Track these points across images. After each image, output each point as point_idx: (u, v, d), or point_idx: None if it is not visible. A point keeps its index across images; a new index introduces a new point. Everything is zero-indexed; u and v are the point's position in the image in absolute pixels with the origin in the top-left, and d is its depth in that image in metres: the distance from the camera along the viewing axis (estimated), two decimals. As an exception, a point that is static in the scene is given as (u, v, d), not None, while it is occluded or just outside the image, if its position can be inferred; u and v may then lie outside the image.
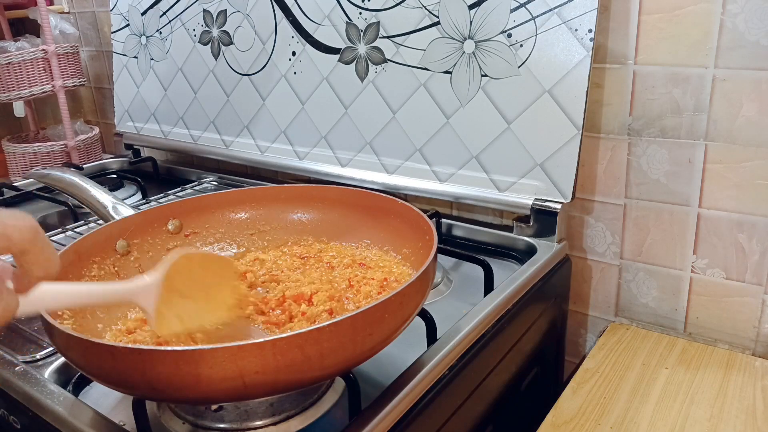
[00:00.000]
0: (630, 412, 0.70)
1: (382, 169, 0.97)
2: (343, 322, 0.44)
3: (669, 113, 0.78)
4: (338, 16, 0.97)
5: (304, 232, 0.74)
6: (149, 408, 0.54)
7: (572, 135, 0.79)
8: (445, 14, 0.86)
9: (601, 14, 0.79)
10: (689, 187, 0.79)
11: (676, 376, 0.75)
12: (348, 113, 1.00)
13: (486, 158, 0.87)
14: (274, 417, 0.53)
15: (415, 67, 0.91)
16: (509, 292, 0.71)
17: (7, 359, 0.62)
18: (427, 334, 0.62)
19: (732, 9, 0.71)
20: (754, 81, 0.72)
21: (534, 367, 0.80)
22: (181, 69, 1.23)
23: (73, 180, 0.87)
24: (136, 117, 1.35)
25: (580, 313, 0.94)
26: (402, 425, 0.53)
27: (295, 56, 1.04)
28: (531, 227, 0.85)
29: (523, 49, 0.81)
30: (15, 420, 0.59)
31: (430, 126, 0.91)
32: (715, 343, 0.83)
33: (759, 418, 0.67)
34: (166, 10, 1.22)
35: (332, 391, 0.57)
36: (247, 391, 0.44)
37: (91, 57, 1.60)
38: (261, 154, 1.13)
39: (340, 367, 0.47)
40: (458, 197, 0.90)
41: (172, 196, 1.13)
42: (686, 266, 0.82)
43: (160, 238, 0.71)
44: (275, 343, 0.42)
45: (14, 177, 1.44)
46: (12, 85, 1.36)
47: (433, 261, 0.53)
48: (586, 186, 0.87)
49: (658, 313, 0.87)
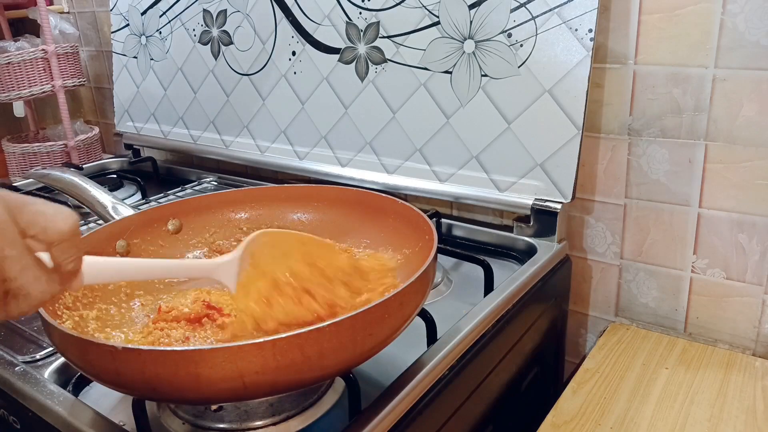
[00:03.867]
0: (630, 412, 0.70)
1: (382, 169, 0.97)
2: (343, 322, 0.44)
3: (669, 113, 0.78)
4: (338, 16, 0.97)
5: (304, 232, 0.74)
6: (149, 408, 0.54)
7: (572, 135, 0.79)
8: (445, 14, 0.86)
9: (602, 14, 0.79)
10: (689, 187, 0.79)
11: (677, 376, 0.75)
12: (348, 113, 1.00)
13: (486, 158, 0.86)
14: (274, 417, 0.53)
15: (415, 67, 0.91)
16: (509, 292, 0.71)
17: (7, 359, 0.62)
18: (427, 334, 0.62)
19: (732, 9, 0.71)
20: (754, 81, 0.72)
21: (534, 367, 0.80)
22: (180, 69, 1.23)
23: (73, 180, 0.87)
24: (135, 117, 1.35)
25: (580, 313, 0.94)
26: (402, 425, 0.53)
27: (295, 56, 1.04)
28: (531, 227, 0.85)
29: (523, 49, 0.81)
30: (15, 420, 0.59)
31: (430, 126, 0.91)
32: (715, 343, 0.83)
33: (759, 419, 0.67)
34: (166, 10, 1.22)
35: (332, 391, 0.57)
36: (247, 392, 0.44)
37: (90, 57, 1.60)
38: (261, 154, 1.13)
39: (340, 367, 0.47)
40: (458, 197, 0.90)
41: (172, 196, 1.13)
42: (686, 266, 0.82)
43: (161, 238, 0.71)
44: (275, 344, 0.42)
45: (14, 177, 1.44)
46: (12, 85, 1.36)
47: (433, 261, 0.53)
48: (587, 186, 0.87)
49: (658, 313, 0.87)
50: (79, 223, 0.39)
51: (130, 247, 0.68)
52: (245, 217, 0.76)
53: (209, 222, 0.74)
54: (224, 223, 0.75)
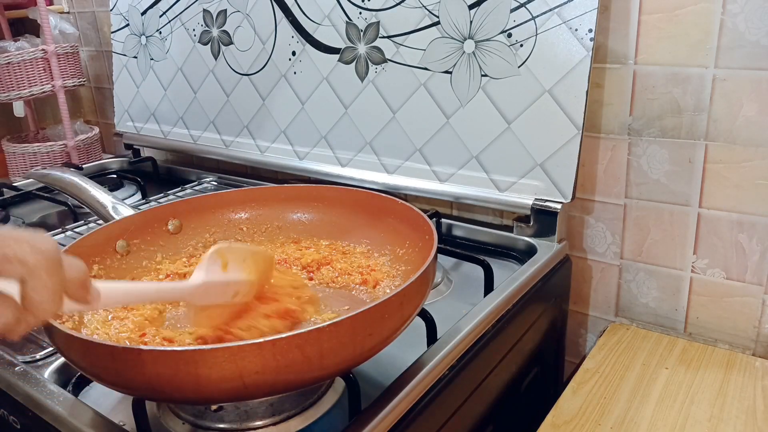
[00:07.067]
0: (630, 412, 0.70)
1: (382, 169, 0.97)
2: (343, 323, 0.44)
3: (669, 113, 0.78)
4: (338, 16, 0.97)
5: (304, 232, 0.74)
6: (149, 408, 0.54)
7: (572, 135, 0.79)
8: (445, 14, 0.86)
9: (602, 14, 0.79)
10: (689, 187, 0.79)
11: (677, 376, 0.75)
12: (348, 113, 1.00)
13: (486, 158, 0.86)
14: (274, 417, 0.53)
15: (415, 67, 0.91)
16: (509, 292, 0.71)
17: (7, 359, 0.62)
18: (427, 334, 0.62)
19: (732, 9, 0.71)
20: (754, 81, 0.72)
21: (534, 367, 0.80)
22: (180, 69, 1.23)
23: (73, 180, 0.87)
24: (135, 117, 1.35)
25: (580, 313, 0.94)
26: (402, 425, 0.53)
27: (295, 56, 1.04)
28: (531, 227, 0.85)
29: (523, 49, 0.81)
30: (15, 420, 0.59)
31: (430, 126, 0.91)
32: (715, 343, 0.83)
33: (759, 419, 0.67)
34: (166, 10, 1.22)
35: (332, 391, 0.57)
36: (247, 392, 0.44)
37: (90, 57, 1.60)
38: (261, 154, 1.13)
39: (340, 367, 0.47)
40: (458, 197, 0.90)
41: (172, 196, 1.13)
42: (686, 266, 0.82)
43: (161, 238, 0.71)
44: (275, 344, 0.42)
45: (14, 177, 1.44)
46: (12, 85, 1.36)
47: (433, 261, 0.53)
48: (587, 186, 0.87)
49: (658, 313, 0.87)
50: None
51: (130, 247, 0.68)
52: (245, 217, 0.76)
53: (209, 222, 0.74)
54: (224, 223, 0.75)
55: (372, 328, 0.46)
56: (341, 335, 0.44)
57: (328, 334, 0.43)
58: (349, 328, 0.45)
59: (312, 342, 0.43)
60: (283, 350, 0.42)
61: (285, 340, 0.42)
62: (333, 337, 0.44)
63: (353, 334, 0.45)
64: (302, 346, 0.42)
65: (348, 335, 0.45)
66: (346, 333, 0.45)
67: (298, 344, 0.42)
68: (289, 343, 0.42)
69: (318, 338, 0.43)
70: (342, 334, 0.44)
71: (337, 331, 0.44)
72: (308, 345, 0.43)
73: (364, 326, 0.45)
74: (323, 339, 0.43)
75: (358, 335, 0.45)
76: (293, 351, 0.42)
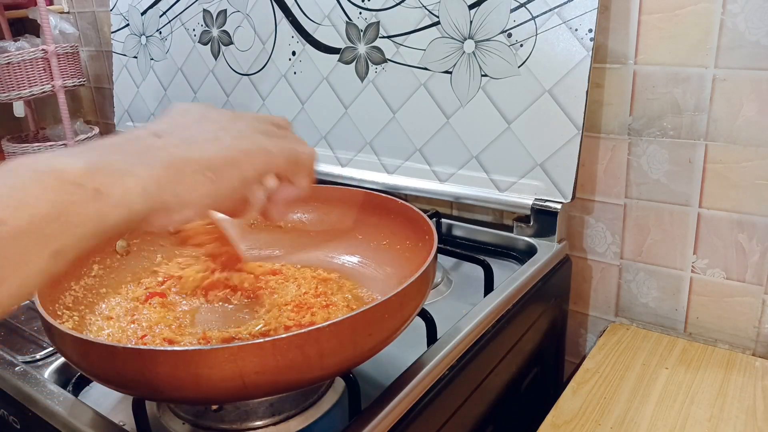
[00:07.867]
0: (630, 412, 0.70)
1: (382, 169, 0.97)
2: (343, 323, 0.44)
3: (669, 113, 0.78)
4: (338, 16, 0.97)
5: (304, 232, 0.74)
6: (149, 408, 0.54)
7: (572, 135, 0.79)
8: (445, 14, 0.86)
9: (601, 14, 0.79)
10: (689, 187, 0.79)
11: (677, 376, 0.75)
12: (348, 113, 1.00)
13: (486, 158, 0.86)
14: (274, 417, 0.53)
15: (415, 67, 0.91)
16: (509, 292, 0.71)
17: (7, 359, 0.62)
18: (427, 334, 0.62)
19: (732, 9, 0.71)
20: (754, 81, 0.72)
21: (534, 367, 0.80)
22: (180, 69, 1.23)
23: (73, 180, 0.86)
24: (135, 117, 1.35)
25: (580, 313, 0.94)
26: (402, 425, 0.53)
27: (295, 56, 1.04)
28: (531, 227, 0.85)
29: (523, 49, 0.81)
30: (15, 420, 0.59)
31: (430, 126, 0.91)
32: (715, 343, 0.83)
33: (759, 419, 0.67)
34: (166, 10, 1.22)
35: (332, 391, 0.57)
36: (247, 391, 0.44)
37: (90, 57, 1.60)
38: (261, 154, 1.13)
39: (340, 367, 0.47)
40: (458, 197, 0.90)
41: (172, 196, 1.13)
42: (686, 266, 0.82)
43: (161, 238, 0.71)
44: (275, 344, 0.42)
45: (14, 177, 1.44)
46: (12, 85, 1.36)
47: (433, 261, 0.53)
48: (587, 186, 0.87)
49: (658, 313, 0.87)
50: None
51: (130, 247, 0.68)
52: (245, 217, 0.75)
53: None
54: (224, 223, 0.75)
55: (372, 328, 0.46)
56: (341, 335, 0.44)
57: (328, 334, 0.43)
58: (349, 328, 0.45)
59: (312, 342, 0.43)
60: (283, 350, 0.42)
61: (285, 340, 0.42)
62: (333, 337, 0.44)
63: (353, 334, 0.45)
64: (302, 346, 0.42)
65: (348, 335, 0.45)
66: (346, 333, 0.45)
67: (298, 344, 0.42)
68: (289, 343, 0.42)
69: (318, 338, 0.43)
70: (342, 334, 0.44)
71: (337, 331, 0.44)
72: (308, 345, 0.43)
73: (364, 326, 0.45)
74: (323, 339, 0.43)
75: (358, 335, 0.45)
76: (293, 351, 0.42)
